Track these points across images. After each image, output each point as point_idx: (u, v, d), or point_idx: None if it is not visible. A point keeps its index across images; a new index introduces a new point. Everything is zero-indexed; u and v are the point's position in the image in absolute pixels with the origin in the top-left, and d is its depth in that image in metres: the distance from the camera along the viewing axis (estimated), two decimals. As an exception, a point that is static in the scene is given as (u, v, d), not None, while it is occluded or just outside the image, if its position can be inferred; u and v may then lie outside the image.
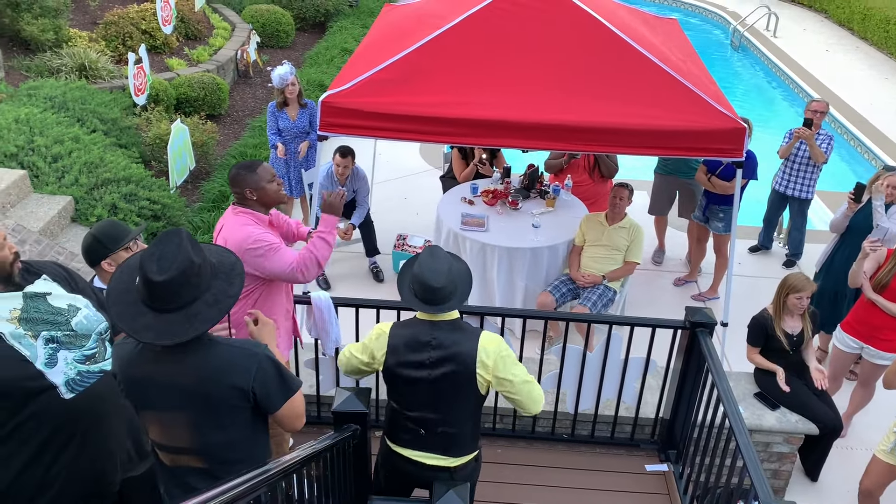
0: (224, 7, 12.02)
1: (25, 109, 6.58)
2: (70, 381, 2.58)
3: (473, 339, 2.96)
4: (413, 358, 2.97)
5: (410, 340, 2.98)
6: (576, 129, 4.57)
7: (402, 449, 3.15)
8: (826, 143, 6.40)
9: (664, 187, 6.77)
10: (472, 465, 3.22)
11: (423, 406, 3.04)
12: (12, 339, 2.48)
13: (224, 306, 2.36)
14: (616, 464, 4.51)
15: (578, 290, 5.62)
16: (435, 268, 2.93)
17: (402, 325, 3.07)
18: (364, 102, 4.64)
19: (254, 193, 3.53)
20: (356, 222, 6.39)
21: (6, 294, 2.54)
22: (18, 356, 2.47)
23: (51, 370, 2.54)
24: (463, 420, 3.08)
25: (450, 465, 3.13)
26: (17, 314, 2.53)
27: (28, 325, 2.53)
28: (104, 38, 8.98)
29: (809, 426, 4.54)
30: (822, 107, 6.41)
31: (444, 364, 2.94)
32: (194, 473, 2.52)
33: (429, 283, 2.90)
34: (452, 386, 2.98)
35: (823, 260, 5.66)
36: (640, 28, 5.44)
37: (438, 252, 3.01)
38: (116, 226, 3.22)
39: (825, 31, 14.98)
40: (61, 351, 2.57)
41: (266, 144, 7.97)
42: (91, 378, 2.63)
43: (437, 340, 2.95)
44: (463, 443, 3.13)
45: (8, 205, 5.63)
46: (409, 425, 3.10)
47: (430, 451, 3.11)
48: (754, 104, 11.80)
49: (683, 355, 4.22)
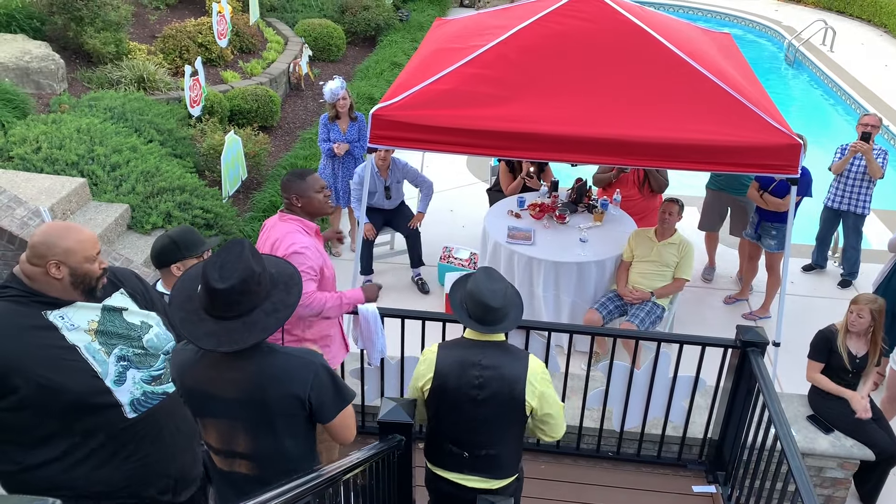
0: (277, 21, 12.26)
1: (86, 120, 6.80)
2: (135, 401, 2.66)
3: (522, 362, 2.95)
4: (461, 379, 2.96)
5: (458, 360, 2.97)
6: (625, 143, 4.54)
7: (445, 472, 3.15)
8: (881, 158, 6.26)
9: (715, 203, 6.67)
10: (514, 486, 3.21)
11: (467, 428, 3.03)
12: (87, 352, 2.57)
13: (282, 315, 2.39)
14: (662, 484, 4.43)
15: (626, 307, 5.55)
16: (493, 288, 2.92)
17: (448, 345, 3.07)
18: (413, 115, 4.68)
19: (299, 201, 3.59)
20: (422, 209, 6.52)
21: (87, 304, 2.62)
22: (91, 371, 2.55)
23: (118, 388, 2.62)
24: (506, 441, 3.06)
25: (492, 488, 3.12)
26: (95, 326, 2.61)
27: (103, 339, 2.62)
28: (162, 51, 9.23)
29: (865, 451, 4.40)
30: (875, 121, 6.29)
31: (492, 385, 2.93)
32: (246, 479, 2.56)
33: (487, 302, 2.89)
34: (499, 408, 2.96)
35: (880, 280, 5.50)
36: (693, 42, 5.39)
37: (494, 273, 3.00)
38: (193, 233, 3.29)
39: (884, 46, 14.60)
40: (131, 370, 2.65)
41: (316, 156, 8.08)
42: (155, 399, 2.71)
43: (486, 361, 2.94)
44: (505, 464, 3.11)
45: (69, 211, 5.81)
46: (453, 449, 3.09)
47: (473, 473, 3.10)
48: (809, 120, 11.56)
49: (734, 375, 4.14)
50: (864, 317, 4.42)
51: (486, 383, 2.93)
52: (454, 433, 3.06)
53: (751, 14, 16.57)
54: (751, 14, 16.57)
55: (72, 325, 2.55)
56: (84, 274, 2.55)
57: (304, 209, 3.62)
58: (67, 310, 2.57)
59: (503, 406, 2.95)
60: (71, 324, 2.55)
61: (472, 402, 2.96)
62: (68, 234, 2.53)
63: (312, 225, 3.65)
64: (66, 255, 2.51)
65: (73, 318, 2.57)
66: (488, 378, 2.93)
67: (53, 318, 2.53)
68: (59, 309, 2.55)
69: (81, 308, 2.60)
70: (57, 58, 7.69)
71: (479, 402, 2.95)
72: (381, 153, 6.13)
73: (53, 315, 2.54)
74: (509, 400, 2.93)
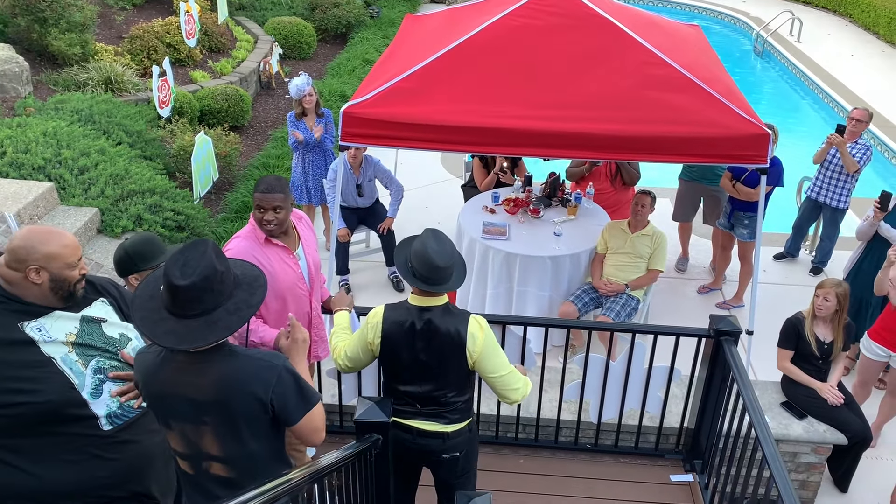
0: (247, 20, 12.15)
1: (53, 123, 6.69)
2: (111, 415, 2.63)
3: (463, 322, 3.08)
4: (406, 342, 3.10)
5: (403, 325, 3.10)
6: (597, 136, 4.55)
7: (399, 419, 3.27)
8: (862, 153, 6.25)
9: (688, 194, 6.72)
10: (467, 435, 3.31)
11: (416, 382, 3.18)
12: (63, 364, 2.52)
13: (244, 315, 2.37)
14: (640, 474, 4.46)
15: (601, 300, 5.58)
16: (439, 249, 3.01)
17: (393, 308, 3.18)
18: (385, 112, 4.65)
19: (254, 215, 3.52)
20: (392, 214, 6.46)
21: (66, 314, 2.58)
22: (68, 382, 2.51)
23: (95, 401, 2.58)
24: (453, 386, 3.19)
25: (445, 431, 3.23)
26: (73, 338, 2.56)
27: (81, 351, 2.57)
28: (129, 52, 9.11)
29: (838, 436, 4.46)
30: (861, 115, 6.25)
31: (436, 344, 3.07)
32: (215, 481, 2.54)
33: (434, 261, 2.98)
34: (443, 362, 3.11)
35: (850, 267, 5.57)
36: (663, 34, 5.41)
37: (441, 234, 3.10)
38: (150, 243, 3.15)
39: (850, 36, 14.81)
40: (107, 383, 2.61)
41: (288, 154, 8.03)
42: (131, 413, 2.67)
43: (430, 325, 3.07)
44: (456, 411, 3.24)
45: (36, 216, 5.71)
46: (405, 398, 3.24)
47: (425, 419, 3.23)
48: (779, 110, 11.69)
49: (708, 364, 4.17)
50: (829, 300, 4.48)
51: (429, 344, 3.09)
52: (405, 385, 3.21)
53: (719, 6, 16.73)
54: (719, 6, 16.73)
55: (49, 338, 2.51)
56: (63, 279, 2.51)
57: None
58: (45, 320, 2.52)
59: (446, 353, 3.09)
60: (48, 336, 2.51)
61: (418, 360, 3.12)
62: (50, 238, 2.49)
63: (261, 233, 3.51)
64: (47, 260, 2.46)
65: (50, 330, 2.52)
66: (431, 340, 3.07)
67: (30, 331, 2.49)
68: (37, 320, 2.50)
69: (60, 318, 2.56)
70: (21, 60, 7.54)
71: (425, 361, 3.12)
72: (352, 151, 6.09)
73: (30, 327, 2.49)
74: (452, 355, 3.08)
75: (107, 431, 2.61)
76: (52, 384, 2.48)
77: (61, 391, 2.50)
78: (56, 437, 2.53)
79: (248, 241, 3.52)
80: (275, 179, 3.42)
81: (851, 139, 6.25)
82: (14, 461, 2.51)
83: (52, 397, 2.47)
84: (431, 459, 3.32)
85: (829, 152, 6.37)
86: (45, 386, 2.46)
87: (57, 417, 2.50)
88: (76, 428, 2.55)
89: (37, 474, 2.53)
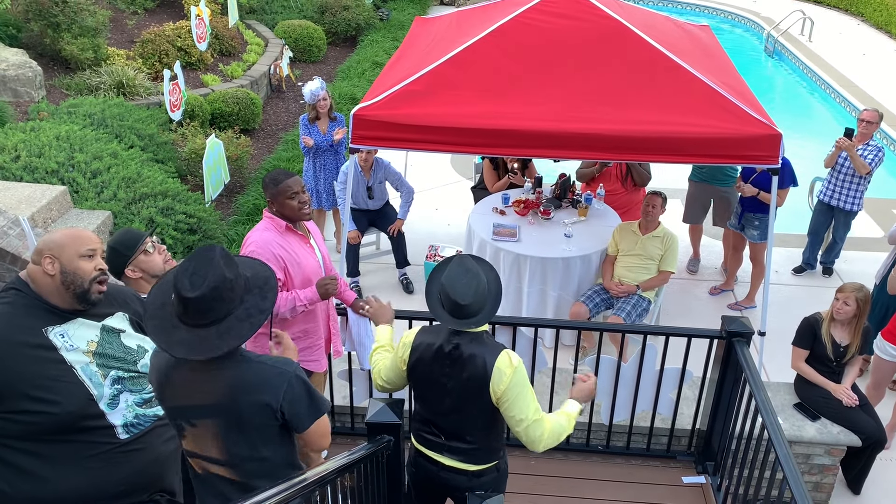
0: (257, 23, 12.20)
1: (66, 127, 6.74)
2: (127, 424, 2.65)
3: (493, 354, 2.90)
4: (433, 363, 2.97)
5: (432, 346, 2.98)
6: (608, 137, 4.54)
7: (425, 449, 3.15)
8: (873, 154, 6.17)
9: (699, 195, 6.69)
10: (495, 474, 3.17)
11: (442, 412, 3.04)
12: (84, 374, 2.55)
13: (256, 321, 2.37)
14: (652, 476, 4.45)
15: (612, 301, 5.57)
16: (464, 282, 2.86)
17: (428, 330, 3.07)
18: (395, 115, 4.66)
19: (273, 205, 3.59)
20: (402, 216, 6.45)
21: (88, 322, 2.61)
22: (87, 393, 2.53)
23: (112, 411, 2.60)
24: (478, 430, 3.04)
25: (469, 469, 3.10)
26: (94, 347, 2.59)
27: (101, 360, 2.60)
28: (141, 56, 9.16)
29: (851, 437, 4.44)
30: (871, 116, 6.17)
31: (458, 370, 2.92)
32: (226, 483, 2.54)
33: (456, 299, 2.85)
34: (465, 393, 2.94)
35: (884, 272, 5.47)
36: (673, 35, 5.40)
37: (468, 263, 2.92)
38: (128, 232, 3.20)
39: (862, 35, 14.72)
40: (124, 393, 2.64)
41: (299, 157, 8.05)
42: (146, 422, 2.70)
43: (459, 350, 2.93)
44: (481, 453, 3.09)
45: (49, 220, 5.76)
46: (431, 428, 3.11)
47: (450, 454, 3.09)
48: (790, 110, 11.63)
49: (720, 366, 4.16)
50: (849, 304, 4.45)
51: (454, 360, 2.92)
52: (432, 414, 3.08)
53: (729, 5, 16.66)
54: (729, 5, 16.66)
55: (71, 346, 2.54)
56: (74, 272, 2.52)
57: (279, 213, 3.61)
58: (68, 327, 2.55)
59: (468, 383, 2.91)
60: (70, 344, 2.54)
61: (441, 388, 2.97)
62: (66, 230, 2.57)
63: (282, 222, 3.60)
64: (59, 248, 2.51)
65: (72, 338, 2.55)
66: (457, 356, 2.92)
67: (53, 337, 2.51)
68: (60, 326, 2.54)
69: (82, 326, 2.59)
70: (34, 65, 7.61)
71: (448, 390, 2.95)
72: (362, 154, 6.11)
73: (54, 333, 2.52)
74: (474, 379, 2.90)
75: (123, 440, 2.63)
76: (70, 396, 2.50)
77: (79, 403, 2.52)
78: (72, 445, 2.55)
79: (270, 231, 3.59)
80: (282, 170, 3.61)
81: (863, 141, 6.20)
82: (30, 467, 2.53)
83: (70, 409, 2.49)
84: (456, 495, 3.19)
85: (839, 156, 6.31)
86: (64, 398, 2.48)
87: (74, 427, 2.53)
88: (93, 436, 2.57)
89: (53, 480, 2.55)
